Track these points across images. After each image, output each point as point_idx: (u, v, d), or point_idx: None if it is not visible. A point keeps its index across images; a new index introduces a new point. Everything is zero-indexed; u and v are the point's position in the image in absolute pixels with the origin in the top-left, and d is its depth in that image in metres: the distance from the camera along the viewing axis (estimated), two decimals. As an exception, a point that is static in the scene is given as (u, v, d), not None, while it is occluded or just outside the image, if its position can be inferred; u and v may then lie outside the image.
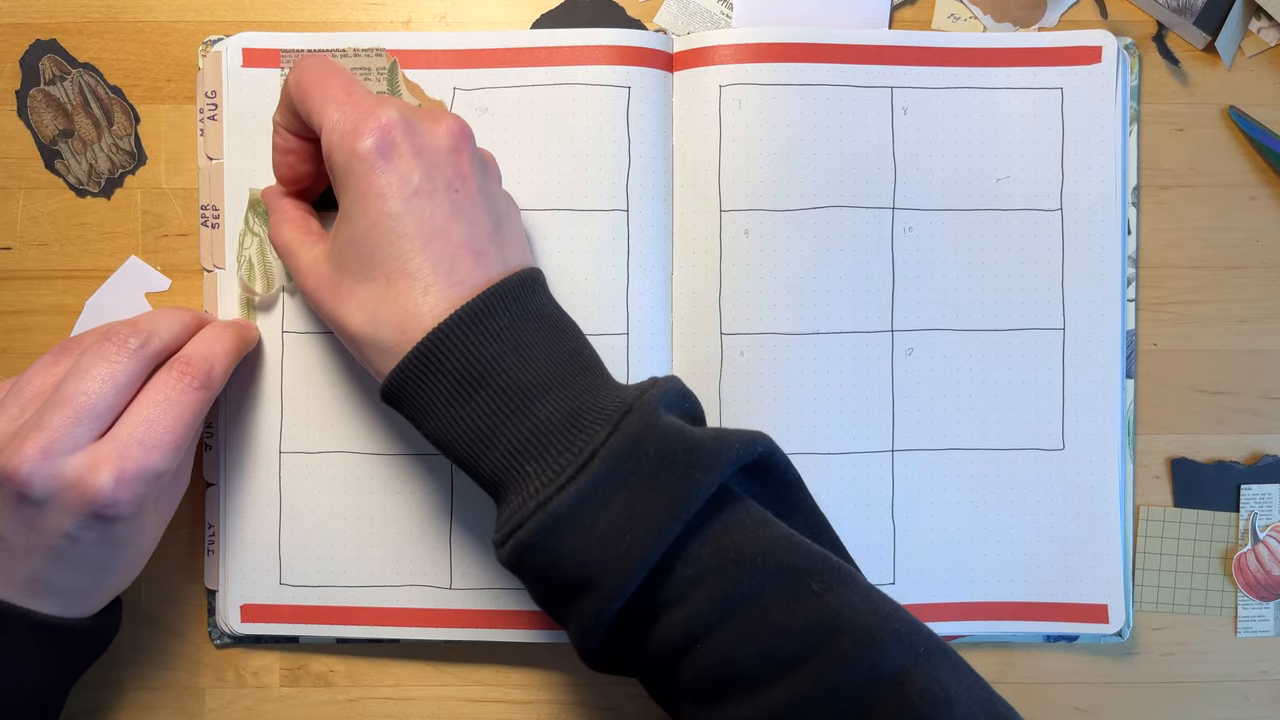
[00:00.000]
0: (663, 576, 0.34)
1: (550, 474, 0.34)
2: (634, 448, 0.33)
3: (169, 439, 0.38)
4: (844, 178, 0.45)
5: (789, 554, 0.34)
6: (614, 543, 0.33)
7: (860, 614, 0.33)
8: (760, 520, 0.35)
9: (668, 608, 0.34)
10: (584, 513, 0.33)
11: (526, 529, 0.33)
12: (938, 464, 0.46)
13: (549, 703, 0.48)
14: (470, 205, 0.37)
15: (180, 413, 0.38)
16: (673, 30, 0.47)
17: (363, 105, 0.37)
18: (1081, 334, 0.46)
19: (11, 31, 0.47)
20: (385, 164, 0.36)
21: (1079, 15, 0.47)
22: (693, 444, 0.34)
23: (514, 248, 0.38)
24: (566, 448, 0.34)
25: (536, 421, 0.34)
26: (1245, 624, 0.47)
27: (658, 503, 0.33)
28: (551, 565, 0.34)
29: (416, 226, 0.36)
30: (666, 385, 0.36)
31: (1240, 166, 0.47)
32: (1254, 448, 0.48)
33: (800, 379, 0.45)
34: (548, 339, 0.36)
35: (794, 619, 0.33)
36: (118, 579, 0.41)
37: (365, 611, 0.46)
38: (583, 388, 0.35)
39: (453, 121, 0.37)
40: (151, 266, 0.47)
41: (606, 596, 0.33)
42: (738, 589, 0.33)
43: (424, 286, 0.35)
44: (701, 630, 0.33)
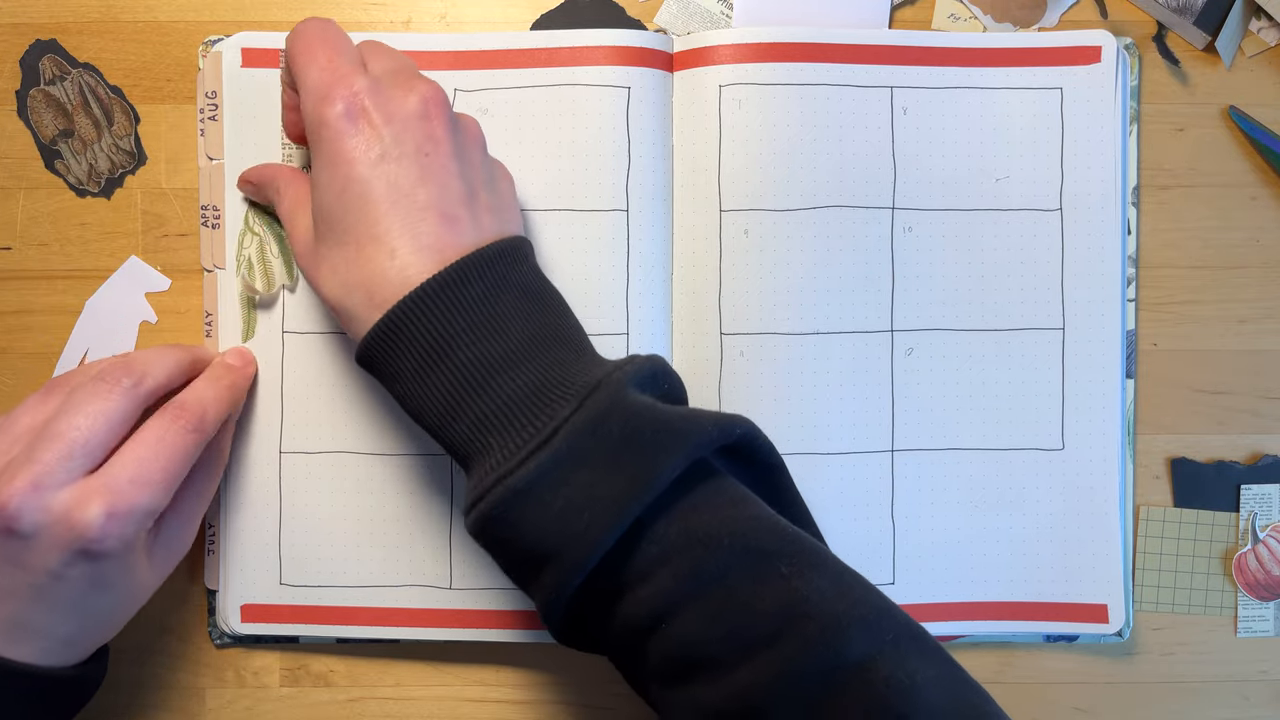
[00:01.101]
0: (627, 553, 0.34)
1: (512, 448, 0.34)
2: (597, 425, 0.33)
3: (160, 477, 0.38)
4: (844, 177, 0.45)
5: (759, 535, 0.34)
6: (572, 520, 0.33)
7: (828, 599, 0.33)
8: (734, 499, 0.35)
9: (632, 585, 0.34)
10: (543, 488, 0.33)
11: (487, 501, 0.34)
12: (938, 464, 0.46)
13: (549, 703, 0.48)
14: (441, 170, 0.36)
15: (172, 454, 0.38)
16: (673, 30, 0.47)
17: (338, 72, 0.37)
18: (1081, 334, 0.46)
19: (11, 31, 0.47)
20: (353, 129, 0.36)
21: (1079, 15, 0.47)
22: (660, 424, 0.34)
23: (493, 214, 0.38)
24: (530, 422, 0.34)
25: (503, 395, 0.34)
26: (1245, 624, 0.47)
27: (618, 482, 0.33)
28: (512, 538, 0.34)
29: (383, 190, 0.36)
30: (642, 363, 0.36)
31: (1240, 166, 0.47)
32: (1254, 448, 0.48)
33: (800, 379, 0.45)
34: (524, 311, 0.36)
35: (760, 602, 0.33)
36: (103, 626, 0.40)
37: (366, 611, 0.46)
38: (554, 361, 0.35)
39: (425, 87, 0.37)
40: (151, 266, 0.47)
41: (565, 571, 0.33)
42: (704, 569, 0.33)
43: (389, 250, 0.35)
44: (666, 609, 0.33)
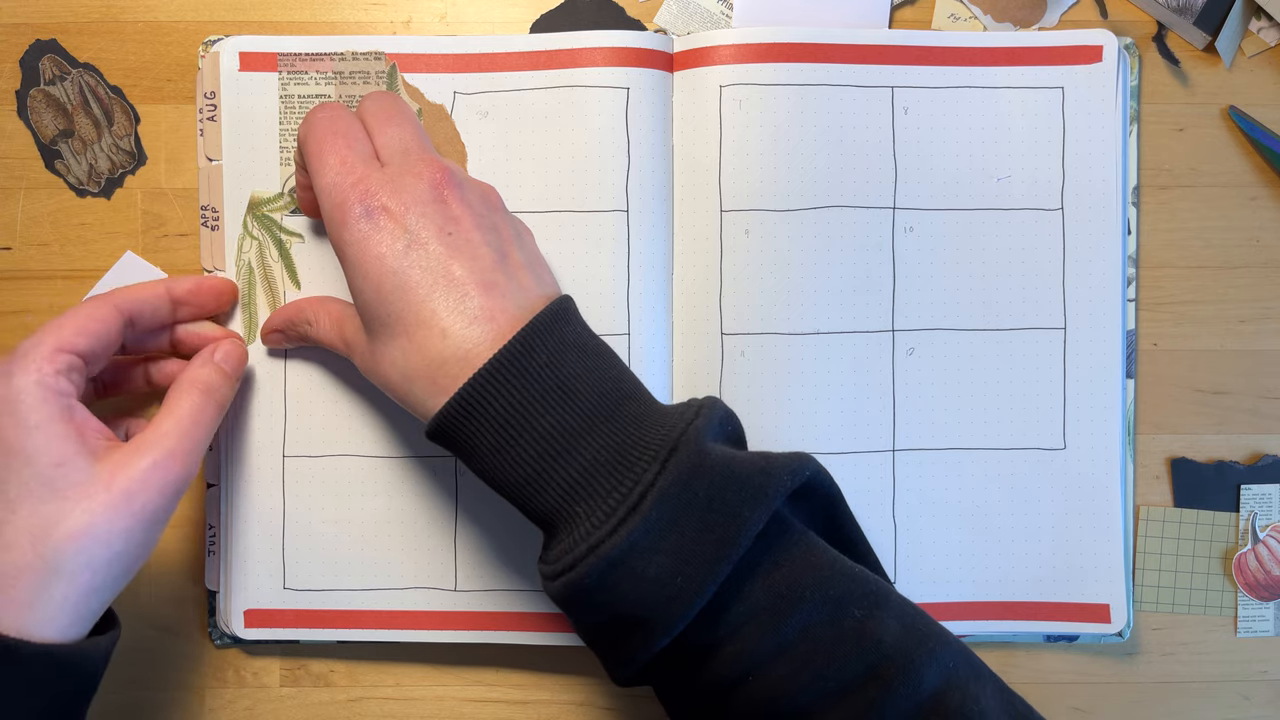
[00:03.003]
0: (717, 612, 0.34)
1: (600, 515, 0.34)
2: (684, 488, 0.34)
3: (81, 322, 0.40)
4: (844, 177, 0.45)
5: (834, 582, 0.35)
6: (665, 585, 0.33)
7: (899, 637, 0.34)
8: (807, 548, 0.36)
9: (721, 643, 0.34)
10: (636, 556, 0.33)
11: (579, 571, 0.34)
12: (938, 464, 0.46)
13: (549, 703, 0.48)
14: (466, 243, 0.37)
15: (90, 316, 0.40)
16: (673, 30, 0.47)
17: (351, 173, 0.38)
18: (1082, 334, 0.46)
19: (11, 31, 0.47)
20: (375, 228, 0.37)
21: (1079, 15, 0.47)
22: (741, 479, 0.34)
23: (528, 272, 0.38)
24: (615, 487, 0.34)
25: (584, 461, 0.35)
26: (1245, 624, 0.48)
27: (708, 543, 0.33)
28: (603, 606, 0.34)
29: (418, 276, 0.36)
30: (710, 413, 0.36)
31: (1240, 166, 0.47)
32: (1254, 448, 0.48)
33: (800, 379, 0.45)
34: (589, 370, 0.36)
35: (840, 649, 0.34)
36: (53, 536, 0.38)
37: (370, 615, 0.46)
38: (628, 418, 0.36)
39: (433, 171, 0.38)
40: (149, 264, 0.47)
41: (654, 635, 0.34)
42: (788, 622, 0.34)
43: (441, 331, 0.36)
44: (754, 664, 0.34)
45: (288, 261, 0.46)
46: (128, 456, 0.38)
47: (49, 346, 0.38)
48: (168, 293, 0.43)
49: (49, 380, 0.38)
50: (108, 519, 0.36)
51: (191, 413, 0.40)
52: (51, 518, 0.36)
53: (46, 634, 0.36)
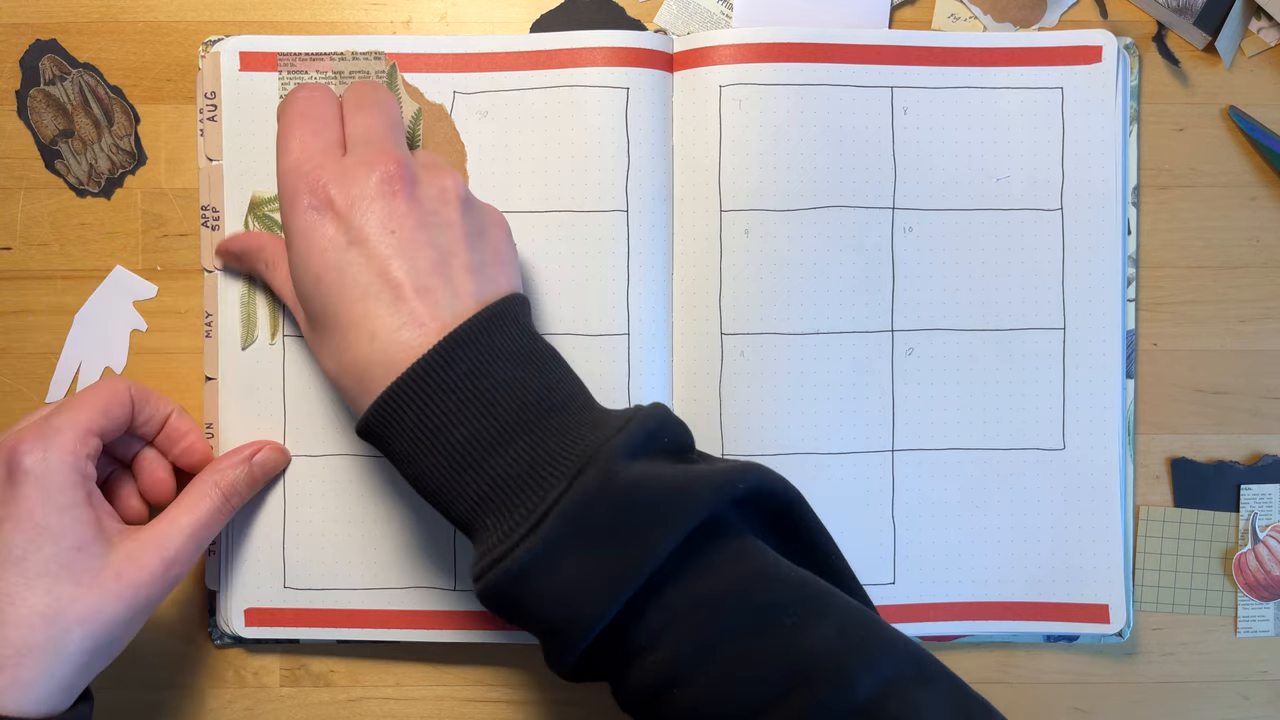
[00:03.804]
0: (633, 622, 0.34)
1: (505, 530, 0.34)
2: (586, 507, 0.34)
3: (84, 412, 0.41)
4: (844, 177, 0.45)
5: (763, 589, 0.34)
6: (565, 601, 0.33)
7: (831, 645, 0.33)
8: (739, 556, 0.35)
9: (640, 653, 0.34)
10: (536, 572, 0.34)
11: (485, 581, 0.34)
12: (938, 464, 0.46)
13: (549, 703, 0.48)
14: (408, 243, 0.37)
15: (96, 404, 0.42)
16: (673, 30, 0.47)
17: (308, 162, 0.38)
18: (1081, 334, 0.46)
19: (11, 31, 0.47)
20: (320, 220, 0.37)
21: (1079, 15, 0.47)
22: (651, 502, 0.34)
23: (474, 273, 0.38)
24: (522, 502, 0.34)
25: (496, 473, 0.35)
26: (1245, 624, 0.47)
27: (609, 564, 0.33)
28: (514, 615, 0.35)
29: (354, 274, 0.36)
30: (636, 426, 0.35)
31: (1240, 166, 0.47)
32: (1254, 448, 0.48)
33: (800, 379, 0.45)
34: (514, 380, 0.36)
35: (766, 658, 0.33)
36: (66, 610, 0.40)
37: (370, 614, 0.46)
38: (548, 431, 0.35)
39: (386, 164, 0.38)
40: (151, 266, 0.47)
41: (564, 647, 0.34)
42: (709, 632, 0.33)
43: (369, 334, 0.36)
44: (674, 675, 0.34)
45: (287, 261, 0.46)
46: (140, 550, 0.40)
47: (81, 427, 0.40)
48: (172, 405, 0.45)
49: (81, 464, 0.40)
50: (113, 608, 0.39)
51: (209, 516, 0.42)
52: (64, 600, 0.38)
53: (41, 710, 0.37)
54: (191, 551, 0.41)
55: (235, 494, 0.43)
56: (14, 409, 0.47)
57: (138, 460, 0.45)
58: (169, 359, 0.47)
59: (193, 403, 0.47)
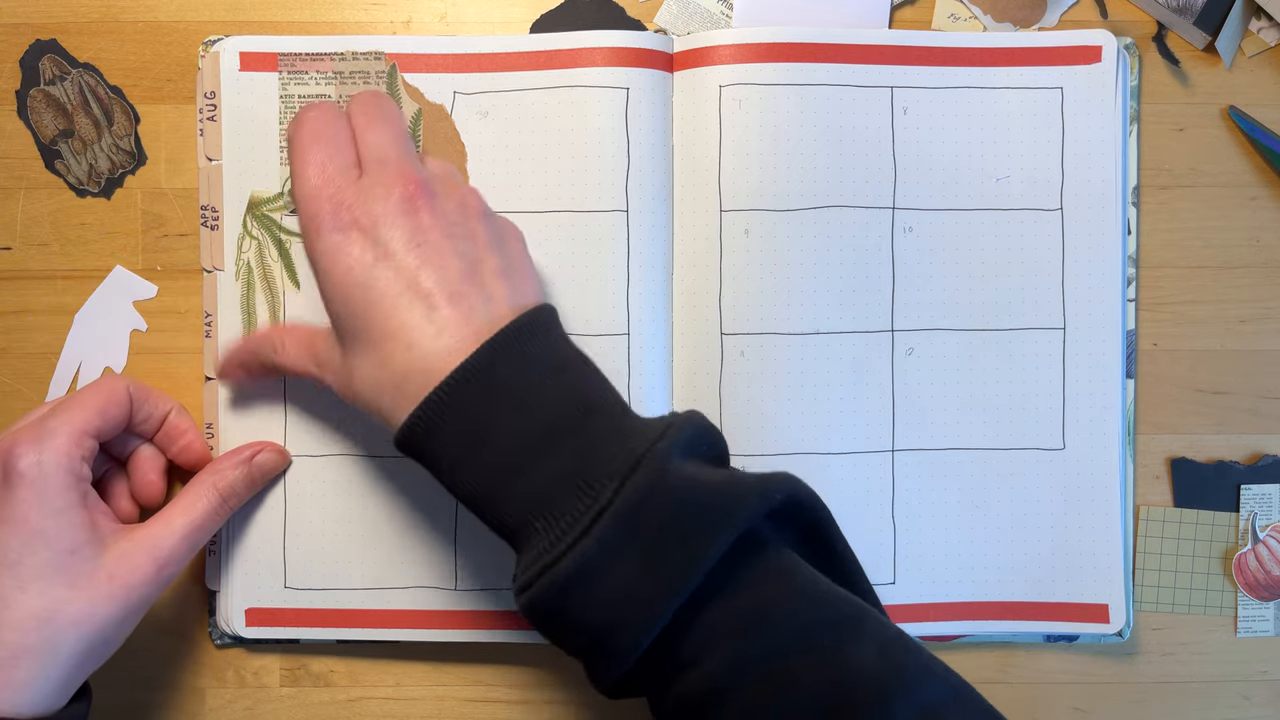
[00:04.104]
0: (678, 637, 0.34)
1: (557, 534, 0.34)
2: (639, 510, 0.33)
3: (79, 416, 0.41)
4: (844, 177, 0.45)
5: (804, 608, 0.34)
6: (618, 609, 0.33)
7: (872, 667, 0.33)
8: (779, 570, 0.35)
9: (684, 668, 0.34)
10: (588, 578, 0.33)
11: (535, 590, 0.34)
12: (938, 464, 0.46)
13: (549, 703, 0.48)
14: (436, 253, 0.37)
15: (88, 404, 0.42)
16: (673, 30, 0.47)
17: (328, 186, 0.38)
18: (1081, 334, 0.46)
19: (11, 31, 0.47)
20: (346, 241, 0.37)
21: (1079, 15, 0.47)
22: (702, 504, 0.34)
23: (504, 279, 0.38)
24: (572, 506, 0.34)
25: (542, 477, 0.34)
26: (1245, 624, 0.47)
27: (663, 569, 0.33)
28: (561, 624, 0.34)
29: (384, 287, 0.36)
30: (679, 431, 0.35)
31: (1240, 166, 0.47)
32: (1254, 448, 0.48)
33: (800, 379, 0.45)
34: (556, 384, 0.36)
35: (808, 678, 0.33)
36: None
37: (371, 614, 0.46)
38: (593, 434, 0.35)
39: (405, 184, 0.38)
40: (151, 266, 0.47)
41: (614, 657, 0.34)
42: (752, 650, 0.33)
43: (406, 344, 0.36)
44: (716, 691, 0.34)
45: (287, 261, 0.46)
46: (133, 551, 0.40)
47: (77, 429, 0.40)
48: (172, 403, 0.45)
49: (76, 466, 0.40)
50: (106, 609, 0.39)
51: (204, 518, 0.42)
52: (57, 603, 0.38)
53: (36, 710, 0.38)
54: (185, 553, 0.41)
55: (233, 495, 0.43)
56: (14, 409, 0.47)
57: (132, 459, 0.45)
58: (169, 359, 0.47)
59: (192, 403, 0.47)
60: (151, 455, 0.45)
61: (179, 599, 0.47)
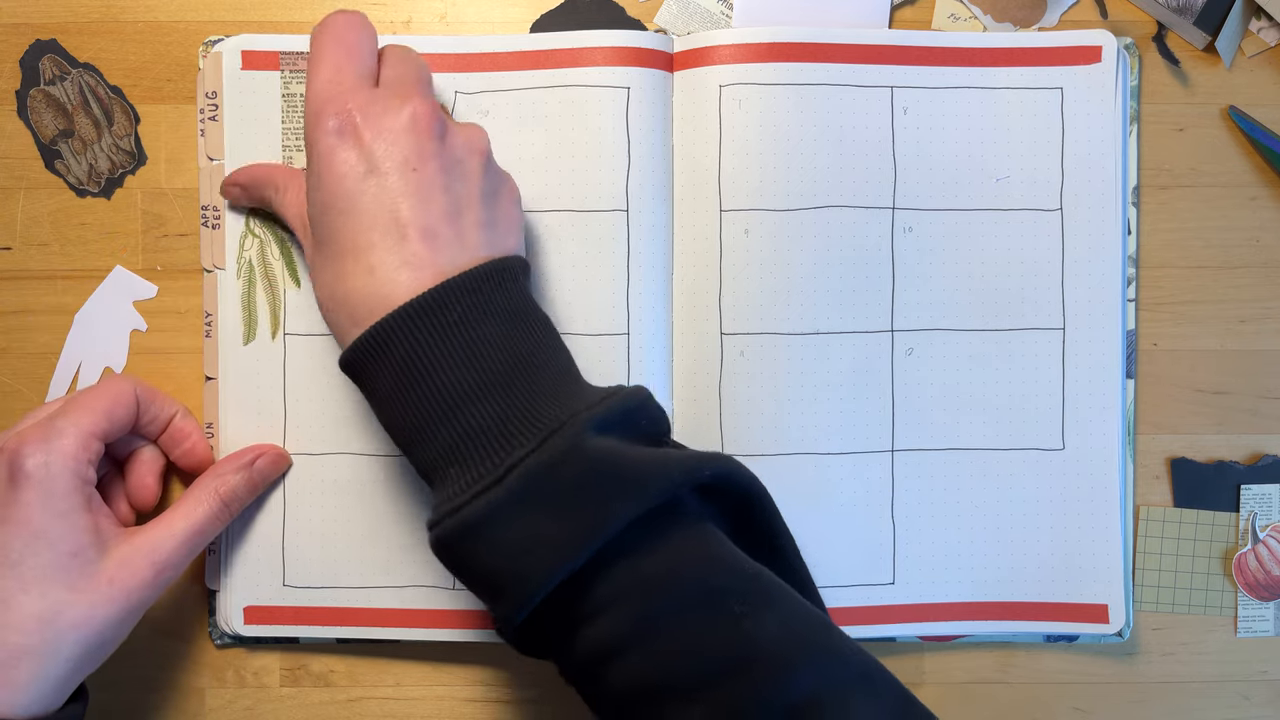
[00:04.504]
0: (581, 591, 0.34)
1: (468, 481, 0.34)
2: (551, 469, 0.34)
3: (87, 418, 0.41)
4: (844, 177, 0.45)
5: (715, 574, 0.34)
6: (516, 560, 0.34)
7: (776, 639, 0.33)
8: (696, 539, 0.35)
9: (584, 622, 0.34)
10: (491, 526, 0.34)
11: (440, 529, 0.34)
12: (938, 464, 0.46)
13: (549, 703, 0.48)
14: (426, 184, 0.37)
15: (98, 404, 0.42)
16: (673, 30, 0.47)
17: (341, 83, 0.38)
18: (1081, 334, 0.46)
19: (11, 31, 0.47)
20: (342, 145, 0.37)
21: (1079, 15, 0.47)
22: (617, 473, 0.34)
23: (484, 230, 0.38)
24: (488, 457, 0.34)
25: (468, 425, 0.35)
26: (1245, 624, 0.48)
27: (566, 528, 0.33)
28: (462, 567, 0.35)
29: (366, 205, 0.36)
30: (615, 403, 0.36)
31: (1240, 166, 0.47)
32: (1254, 448, 0.48)
33: (800, 379, 0.45)
34: (504, 337, 0.36)
35: (710, 642, 0.33)
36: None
37: (369, 613, 0.46)
38: (527, 392, 0.35)
39: (419, 104, 0.37)
40: (150, 267, 0.47)
41: (510, 606, 0.34)
42: (654, 609, 0.34)
43: (368, 267, 0.36)
44: (616, 648, 0.34)
45: (288, 259, 0.46)
46: (133, 554, 0.40)
47: (84, 431, 0.40)
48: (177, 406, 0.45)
49: (82, 469, 0.40)
50: (106, 612, 0.39)
51: (204, 523, 0.42)
52: (58, 605, 0.38)
53: (35, 710, 0.38)
54: (184, 557, 0.42)
55: (234, 500, 0.44)
56: (14, 409, 0.47)
57: (130, 461, 0.45)
58: (169, 359, 0.47)
59: (193, 403, 0.47)
60: (149, 459, 0.45)
61: (179, 599, 0.47)
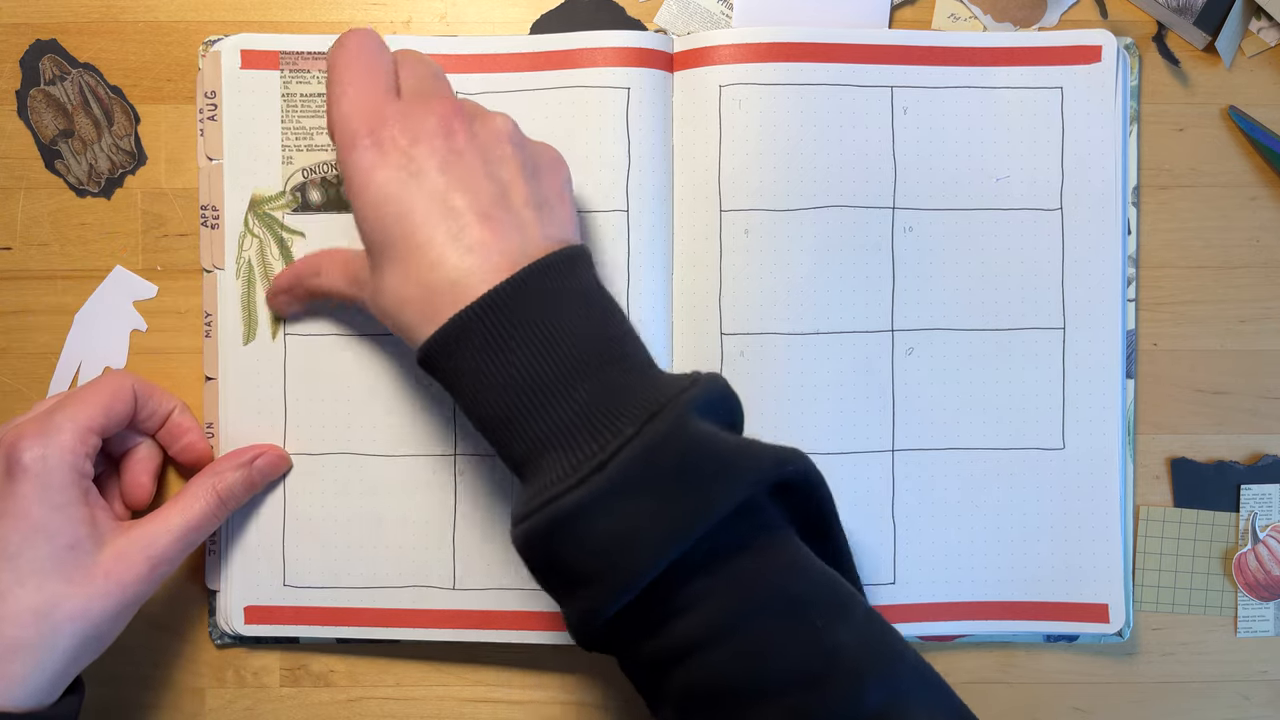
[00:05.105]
0: (670, 587, 0.34)
1: (567, 469, 0.34)
2: (653, 454, 0.33)
3: (80, 415, 0.41)
4: (844, 177, 0.45)
5: (797, 581, 0.35)
6: (615, 549, 0.33)
7: (852, 651, 0.34)
8: (779, 542, 0.35)
9: (670, 618, 0.34)
10: (592, 514, 0.33)
11: (533, 520, 0.34)
12: (938, 464, 0.46)
13: (549, 703, 0.48)
14: (469, 175, 0.37)
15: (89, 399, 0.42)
16: (673, 30, 0.47)
17: (368, 102, 0.38)
18: (1081, 334, 0.46)
19: (11, 31, 0.47)
20: (381, 159, 0.37)
21: (1079, 15, 0.47)
22: (717, 458, 0.34)
23: (535, 210, 0.38)
24: (587, 443, 0.34)
25: (561, 414, 0.34)
26: (1245, 624, 0.48)
27: (668, 517, 0.33)
28: (555, 559, 0.34)
29: (416, 203, 0.36)
30: (705, 387, 0.35)
31: (1240, 166, 0.47)
32: (1254, 448, 0.48)
33: (800, 379, 0.45)
34: (583, 323, 0.36)
35: (789, 650, 0.33)
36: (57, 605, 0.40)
37: (369, 613, 0.46)
38: (614, 378, 0.35)
39: (444, 106, 0.38)
40: (150, 267, 0.47)
41: (602, 598, 0.33)
42: (740, 611, 0.34)
43: (434, 260, 0.36)
44: (697, 645, 0.34)
45: (288, 259, 0.46)
46: (130, 548, 0.40)
47: (82, 425, 0.40)
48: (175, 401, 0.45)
49: (79, 463, 0.40)
50: (102, 605, 0.39)
51: (200, 519, 0.42)
52: (54, 598, 0.39)
53: (31, 703, 0.38)
54: (179, 552, 0.42)
55: (231, 498, 0.44)
56: (14, 409, 0.47)
57: (126, 458, 0.45)
58: (169, 359, 0.47)
59: (193, 402, 0.47)
60: (145, 456, 0.45)
61: (179, 599, 0.47)
